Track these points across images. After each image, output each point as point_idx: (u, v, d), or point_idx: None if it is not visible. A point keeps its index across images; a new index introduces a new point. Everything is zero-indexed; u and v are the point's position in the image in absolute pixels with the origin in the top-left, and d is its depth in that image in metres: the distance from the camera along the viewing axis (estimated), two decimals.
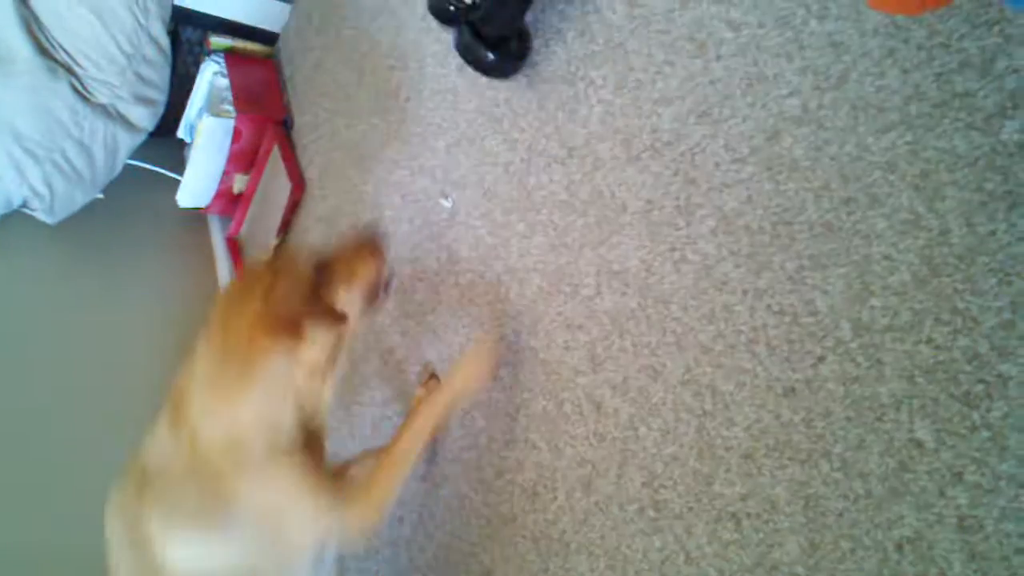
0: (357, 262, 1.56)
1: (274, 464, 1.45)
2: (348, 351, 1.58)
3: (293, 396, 1.45)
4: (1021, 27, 1.03)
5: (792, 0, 1.29)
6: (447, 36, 2.04)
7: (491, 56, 1.68)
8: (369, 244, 1.60)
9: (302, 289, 1.45)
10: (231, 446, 1.42)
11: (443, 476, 1.96)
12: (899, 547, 1.10)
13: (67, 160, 2.60)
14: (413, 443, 1.74)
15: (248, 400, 1.41)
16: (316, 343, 1.43)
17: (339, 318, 1.49)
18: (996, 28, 1.06)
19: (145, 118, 2.76)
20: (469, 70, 1.96)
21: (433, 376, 1.99)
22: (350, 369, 2.36)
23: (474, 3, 1.60)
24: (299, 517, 1.51)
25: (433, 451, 1.99)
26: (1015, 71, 1.03)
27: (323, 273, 1.50)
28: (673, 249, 1.45)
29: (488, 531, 1.82)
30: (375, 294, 1.60)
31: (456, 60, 2.01)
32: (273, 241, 2.74)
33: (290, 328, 1.40)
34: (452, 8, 1.63)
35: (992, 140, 1.05)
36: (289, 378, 1.43)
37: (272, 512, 1.48)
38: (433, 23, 2.09)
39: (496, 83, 1.88)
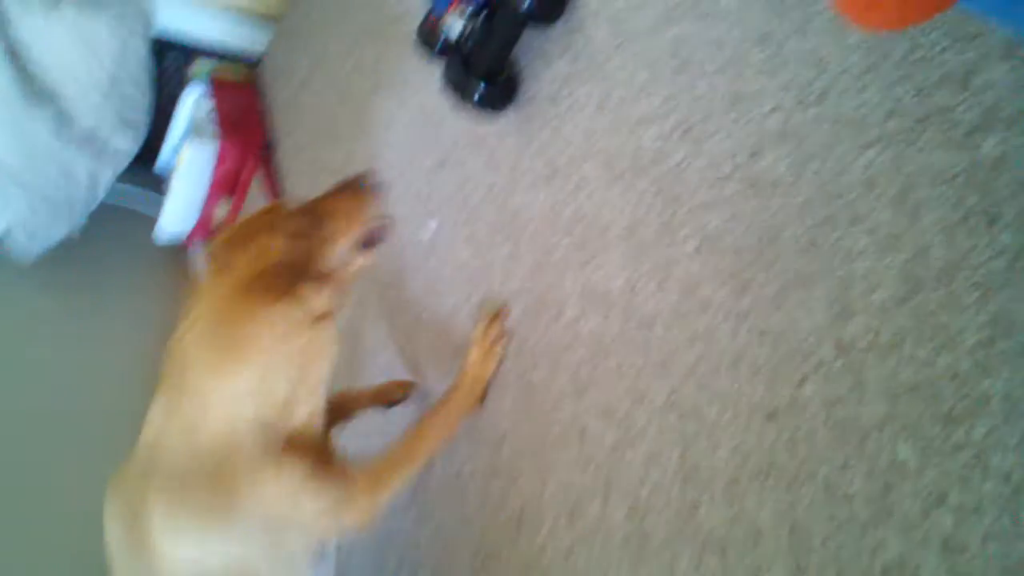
0: (351, 208, 1.55)
1: (276, 463, 1.43)
2: (347, 304, 1.56)
3: (293, 362, 1.44)
4: (999, 40, 1.05)
5: (774, 16, 1.31)
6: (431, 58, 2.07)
7: (481, 88, 1.67)
8: (362, 190, 1.59)
9: (294, 244, 1.44)
10: (231, 432, 1.41)
11: (427, 510, 1.96)
12: (885, 571, 1.10)
13: (49, 187, 2.62)
14: (432, 437, 1.75)
15: (245, 374, 1.40)
16: (310, 301, 1.41)
17: (330, 275, 1.48)
18: (975, 42, 1.07)
19: (127, 144, 2.79)
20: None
21: (500, 314, 1.84)
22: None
23: (463, 32, 1.61)
24: (301, 520, 1.51)
25: (415, 486, 1.99)
26: (993, 85, 1.05)
27: (315, 221, 1.49)
28: (657, 269, 1.46)
29: (475, 565, 1.82)
30: (371, 241, 1.59)
31: (438, 81, 2.03)
32: None
33: (283, 291, 1.38)
34: (441, 37, 1.64)
35: (971, 155, 1.06)
36: (286, 345, 1.41)
37: (274, 513, 1.47)
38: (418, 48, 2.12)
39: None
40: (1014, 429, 0.99)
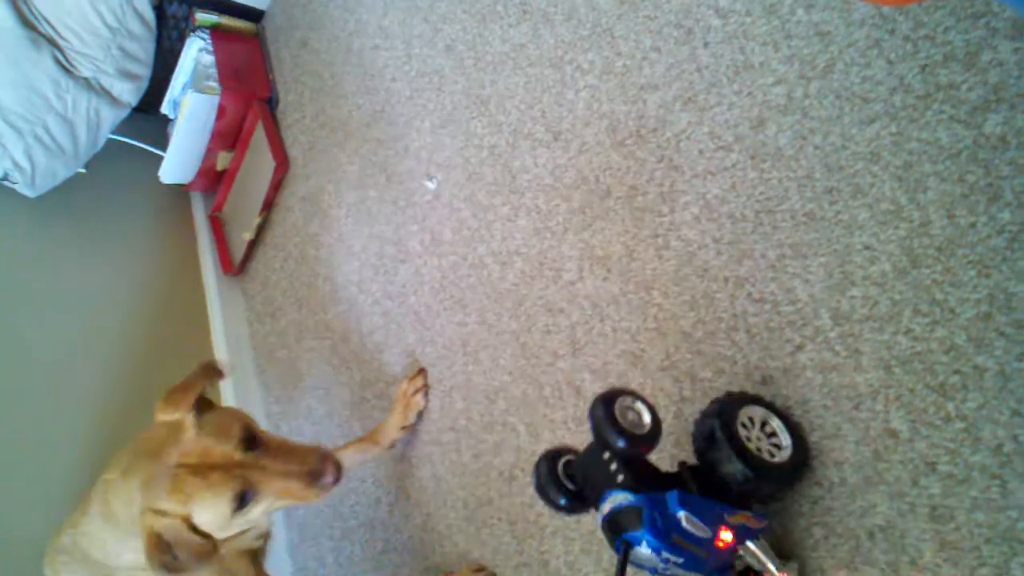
0: (293, 487, 1.53)
1: None
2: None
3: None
4: (1006, 20, 1.03)
5: None
6: (434, 17, 2.04)
7: (563, 502, 1.44)
8: (310, 465, 1.56)
9: (236, 467, 1.47)
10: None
11: (421, 457, 1.96)
12: (871, 535, 1.11)
13: (49, 133, 2.58)
14: None
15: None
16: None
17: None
18: (982, 21, 1.06)
19: (128, 93, 2.74)
20: (456, 51, 1.96)
21: (422, 371, 1.99)
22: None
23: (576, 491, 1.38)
24: None
25: (411, 432, 1.99)
26: (999, 64, 1.04)
27: (261, 472, 1.49)
28: (656, 235, 1.45)
29: (465, 513, 1.82)
30: (296, 497, 1.57)
31: (443, 41, 2.00)
32: (256, 220, 2.72)
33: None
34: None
35: (975, 133, 1.05)
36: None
37: None
38: (421, 5, 2.08)
39: (483, 65, 1.88)
40: (1006, 403, 0.99)
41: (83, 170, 2.78)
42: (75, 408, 2.45)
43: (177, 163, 2.90)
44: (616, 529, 1.10)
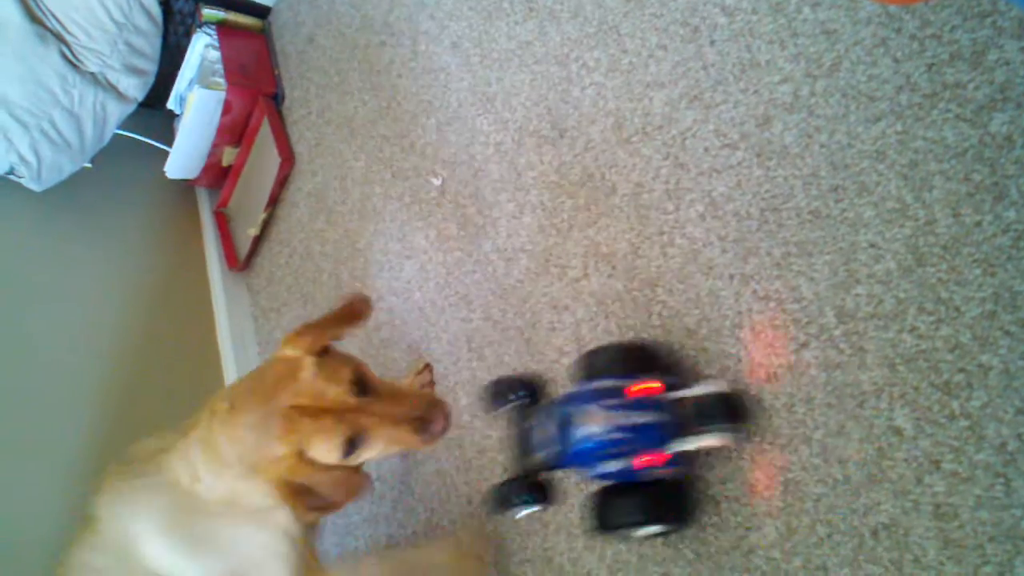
0: (401, 435, 1.45)
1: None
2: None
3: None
4: (1013, 19, 1.04)
5: None
6: (440, 14, 2.04)
7: (528, 497, 1.42)
8: (420, 412, 1.47)
9: (345, 411, 1.41)
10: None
11: (425, 453, 1.96)
12: (875, 533, 1.11)
13: (55, 128, 2.58)
14: None
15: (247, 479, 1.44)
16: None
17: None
18: (988, 20, 1.06)
19: (135, 88, 2.74)
20: (462, 48, 1.96)
21: (427, 367, 1.98)
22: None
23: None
24: None
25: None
26: (1006, 63, 1.04)
27: (368, 416, 1.42)
28: (661, 233, 1.46)
29: (469, 509, 1.83)
30: (404, 444, 1.51)
31: (449, 38, 2.00)
32: (262, 215, 2.72)
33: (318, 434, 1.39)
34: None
35: (981, 132, 1.05)
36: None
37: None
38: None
39: (489, 63, 1.88)
40: (1010, 401, 0.99)
41: (89, 165, 2.78)
42: (78, 403, 2.45)
43: (183, 158, 2.90)
44: (567, 434, 1.27)
